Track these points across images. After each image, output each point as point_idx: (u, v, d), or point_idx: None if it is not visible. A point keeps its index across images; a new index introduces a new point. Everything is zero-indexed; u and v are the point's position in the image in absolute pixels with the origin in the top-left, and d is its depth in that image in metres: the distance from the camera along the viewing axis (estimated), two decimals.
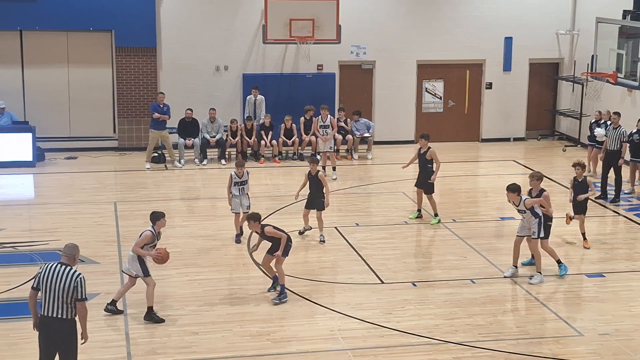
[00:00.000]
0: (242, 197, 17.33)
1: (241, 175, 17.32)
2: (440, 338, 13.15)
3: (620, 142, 20.40)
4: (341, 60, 26.14)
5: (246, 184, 17.39)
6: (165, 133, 23.83)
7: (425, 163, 18.61)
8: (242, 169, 17.38)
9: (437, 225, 18.58)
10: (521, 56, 27.02)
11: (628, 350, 12.83)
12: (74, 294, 10.41)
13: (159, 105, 23.72)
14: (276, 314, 13.94)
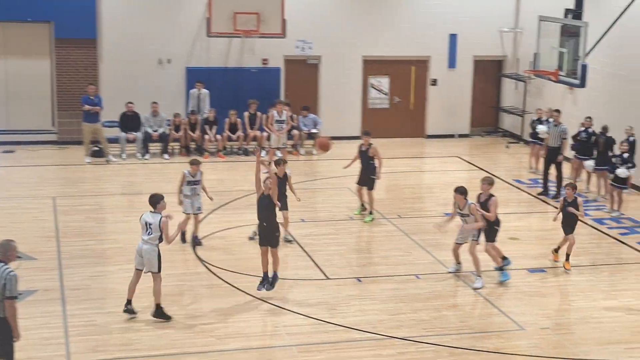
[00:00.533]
0: (193, 197, 16.58)
1: (195, 174, 16.61)
2: (384, 333, 13.16)
3: (561, 139, 20.60)
4: (287, 55, 26.04)
5: (199, 183, 16.68)
6: (99, 126, 23.46)
7: (368, 160, 18.60)
8: (196, 167, 16.59)
9: (382, 220, 18.56)
10: (466, 53, 27.18)
11: (568, 344, 12.98)
12: (4, 292, 10.16)
13: (90, 97, 23.34)
14: (220, 310, 13.81)
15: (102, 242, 17.17)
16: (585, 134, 21.21)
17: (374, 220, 18.60)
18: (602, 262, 16.76)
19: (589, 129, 21.23)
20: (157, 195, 13.58)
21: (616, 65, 22.42)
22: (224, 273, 15.37)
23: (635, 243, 17.61)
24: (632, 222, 19.08)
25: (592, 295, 14.93)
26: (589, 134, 21.17)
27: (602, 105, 22.89)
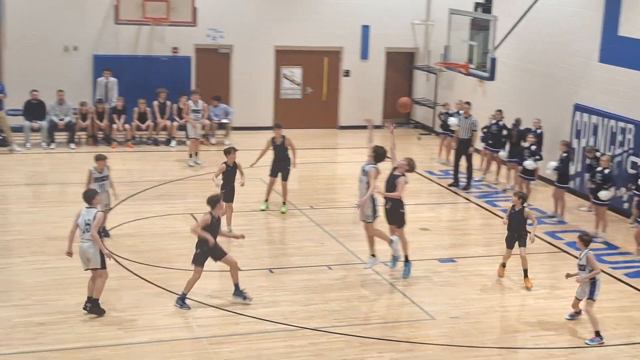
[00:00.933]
0: (102, 194, 15.82)
1: (101, 170, 15.97)
2: (296, 324, 13.12)
3: (472, 131, 20.84)
4: (197, 44, 25.77)
5: (107, 179, 16.10)
6: (2, 114, 22.83)
7: (284, 152, 18.44)
8: (102, 162, 15.95)
9: (295, 211, 18.51)
10: (378, 45, 27.29)
11: (476, 333, 13.14)
12: None
13: None
14: (128, 302, 13.57)
15: (5, 234, 16.72)
16: (496, 126, 21.51)
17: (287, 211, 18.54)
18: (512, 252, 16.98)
19: (499, 121, 21.54)
20: (92, 190, 13.30)
21: (524, 59, 22.78)
22: (133, 265, 15.12)
23: (542, 233, 17.91)
24: (540, 212, 19.40)
25: (500, 285, 15.15)
26: (499, 126, 21.48)
27: (510, 98, 23.25)
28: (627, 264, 16.37)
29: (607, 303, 14.43)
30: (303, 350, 12.32)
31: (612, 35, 19.80)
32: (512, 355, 12.52)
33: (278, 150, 18.53)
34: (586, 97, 20.62)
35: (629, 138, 19.15)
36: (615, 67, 19.74)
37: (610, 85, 19.92)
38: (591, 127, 20.26)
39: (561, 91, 21.46)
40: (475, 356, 12.39)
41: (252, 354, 12.12)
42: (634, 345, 12.96)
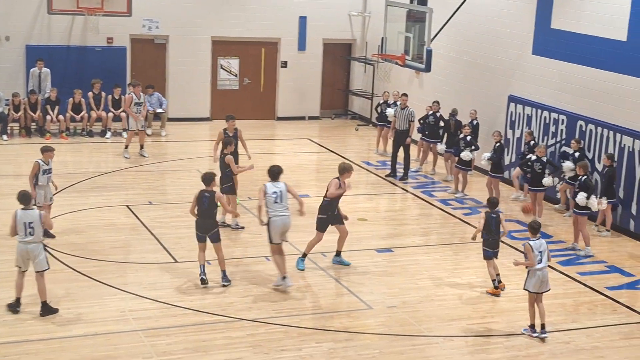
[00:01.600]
0: (47, 187, 15.64)
1: (48, 162, 15.61)
2: (234, 315, 13.10)
3: (409, 121, 20.98)
4: (133, 34, 25.51)
5: (52, 171, 15.76)
6: None
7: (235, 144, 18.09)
8: (50, 154, 15.59)
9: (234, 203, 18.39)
10: (315, 36, 27.31)
11: (413, 321, 13.26)
12: None
13: None
14: (62, 296, 13.41)
15: None
16: (433, 117, 21.69)
17: None
18: (447, 241, 17.19)
19: (436, 112, 21.72)
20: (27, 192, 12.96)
21: (459, 51, 23.00)
22: (67, 258, 14.95)
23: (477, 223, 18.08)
24: (475, 202, 19.64)
25: (436, 274, 15.29)
26: (436, 117, 21.66)
27: (446, 89, 23.46)
28: (560, 252, 16.63)
29: None
30: (241, 341, 12.30)
31: (545, 28, 20.08)
32: (449, 343, 12.65)
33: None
34: (520, 88, 20.90)
35: (561, 129, 19.44)
36: (548, 59, 20.03)
37: (543, 77, 20.21)
38: (525, 118, 20.53)
39: (496, 83, 21.72)
40: (413, 345, 12.50)
41: (190, 345, 12.07)
42: (566, 331, 13.19)
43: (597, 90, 18.63)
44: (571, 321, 13.61)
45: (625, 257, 16.66)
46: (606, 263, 16.24)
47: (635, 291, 15.09)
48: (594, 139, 18.56)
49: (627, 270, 15.90)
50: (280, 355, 11.94)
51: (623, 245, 17.30)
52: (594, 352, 12.56)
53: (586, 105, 18.94)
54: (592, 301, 14.48)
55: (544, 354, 12.40)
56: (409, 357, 12.13)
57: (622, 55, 17.94)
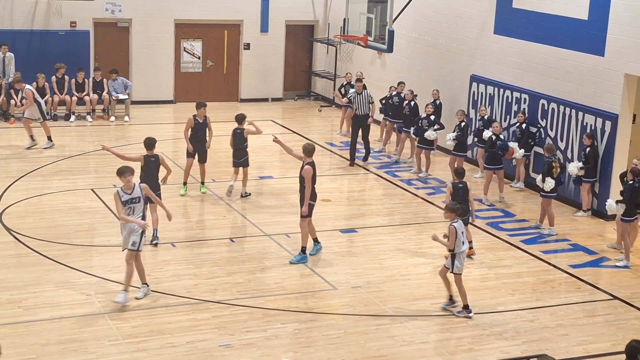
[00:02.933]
0: None
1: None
2: (199, 297, 13.18)
3: (369, 103, 20.89)
4: (96, 18, 25.37)
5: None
6: None
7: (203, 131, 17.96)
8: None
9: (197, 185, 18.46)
10: (278, 18, 27.30)
11: (377, 301, 13.40)
12: None
13: None
14: (28, 280, 13.42)
15: None
16: (398, 98, 21.76)
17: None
18: (411, 221, 17.34)
19: (401, 93, 21.79)
20: None
21: (421, 31, 23.10)
22: (32, 242, 14.94)
23: (441, 202, 18.29)
24: (438, 182, 19.81)
25: (400, 254, 15.45)
26: (401, 98, 21.70)
27: (408, 70, 23.58)
28: (523, 231, 16.85)
29: (503, 270, 14.90)
30: (206, 323, 12.39)
31: (507, 7, 20.25)
32: (413, 322, 12.79)
33: (199, 129, 17.91)
34: (482, 68, 21.07)
35: (523, 107, 19.64)
36: (509, 39, 20.21)
37: (504, 56, 20.40)
38: (487, 97, 20.72)
39: (457, 62, 21.87)
40: (378, 324, 12.64)
41: (155, 328, 12.14)
42: (530, 309, 13.38)
43: (559, 68, 18.84)
44: (535, 299, 13.80)
45: (588, 235, 16.89)
46: (570, 241, 16.47)
47: (599, 269, 15.31)
48: (556, 118, 18.78)
49: (590, 248, 16.14)
50: (246, 337, 12.04)
51: (586, 223, 17.55)
52: (557, 330, 12.75)
53: (548, 84, 19.15)
54: (555, 279, 14.70)
55: (508, 332, 12.58)
56: (374, 336, 12.28)
57: (583, 33, 18.13)
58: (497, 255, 15.54)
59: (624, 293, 14.12)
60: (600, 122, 17.68)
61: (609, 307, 13.64)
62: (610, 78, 17.51)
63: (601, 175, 17.69)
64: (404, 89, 21.73)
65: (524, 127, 19.10)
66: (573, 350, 12.13)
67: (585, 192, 17.76)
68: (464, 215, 14.80)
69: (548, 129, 18.93)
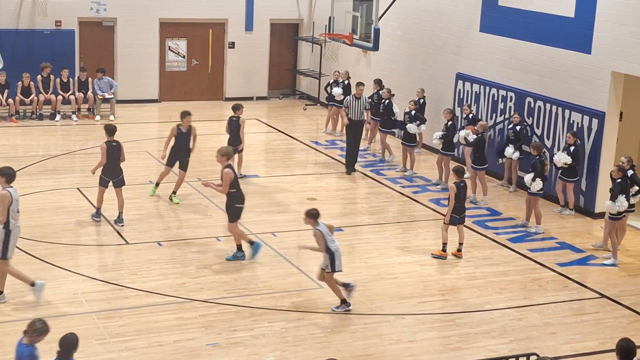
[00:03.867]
0: None
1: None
2: (186, 296, 13.15)
3: (364, 110, 20.33)
4: (81, 17, 25.27)
5: None
6: None
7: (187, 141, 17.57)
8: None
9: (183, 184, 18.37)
10: (262, 16, 27.26)
11: (364, 300, 13.39)
12: None
13: None
14: (14, 279, 13.27)
15: None
16: (377, 96, 21.75)
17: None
18: (396, 220, 17.35)
19: (379, 91, 21.75)
20: None
21: (407, 29, 23.12)
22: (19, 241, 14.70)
23: (427, 201, 18.33)
24: (424, 180, 19.82)
25: (387, 252, 15.45)
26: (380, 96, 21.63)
27: (394, 68, 23.59)
28: (511, 229, 16.88)
29: (490, 268, 14.91)
30: (193, 322, 12.37)
31: (493, 5, 20.28)
32: (400, 321, 12.80)
33: (182, 138, 17.53)
34: (467, 66, 21.10)
35: (510, 105, 19.69)
36: (495, 36, 20.24)
37: (490, 54, 20.43)
38: (473, 95, 20.75)
39: (443, 60, 21.90)
40: (365, 323, 12.64)
41: (142, 327, 12.11)
42: (518, 308, 13.40)
43: (545, 66, 18.88)
44: (522, 298, 13.82)
45: (575, 233, 16.93)
46: (557, 239, 16.50)
47: (586, 267, 15.33)
48: (543, 116, 18.82)
49: (577, 247, 16.16)
50: (233, 336, 12.03)
51: (573, 221, 17.59)
52: (545, 329, 12.77)
53: (534, 82, 19.19)
54: (543, 278, 14.71)
55: (496, 330, 12.59)
56: (361, 335, 12.27)
57: (570, 31, 18.16)
58: (484, 254, 15.56)
59: (612, 291, 14.16)
60: (587, 119, 17.73)
61: (596, 306, 13.68)
62: (597, 76, 17.56)
63: (588, 173, 17.74)
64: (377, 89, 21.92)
65: (518, 129, 18.90)
66: (561, 348, 12.15)
67: (570, 192, 17.80)
68: (461, 213, 14.96)
69: (534, 127, 18.97)
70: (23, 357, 8.84)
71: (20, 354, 8.87)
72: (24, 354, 8.87)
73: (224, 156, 14.48)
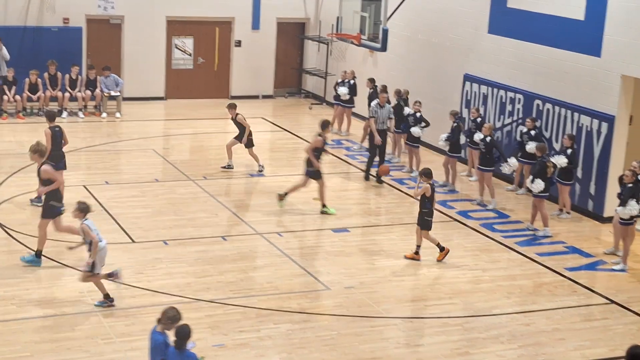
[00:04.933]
0: None
1: None
2: (191, 296, 13.09)
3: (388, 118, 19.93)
4: (88, 14, 25.22)
5: None
6: None
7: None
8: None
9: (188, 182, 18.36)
10: (269, 15, 27.21)
11: (371, 302, 13.32)
12: None
13: None
14: (21, 277, 13.31)
15: None
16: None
17: None
18: (404, 221, 17.25)
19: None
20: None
21: (415, 30, 23.04)
22: (25, 238, 14.81)
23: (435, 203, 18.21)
24: None
25: (394, 254, 15.36)
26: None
27: (401, 68, 23.52)
28: (518, 233, 16.78)
29: (499, 272, 14.83)
30: (199, 322, 12.27)
31: (501, 7, 20.19)
32: (406, 324, 12.72)
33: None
34: (475, 67, 21.01)
35: (517, 108, 19.60)
36: (504, 38, 20.15)
37: (499, 56, 20.34)
38: (481, 97, 20.66)
39: (451, 61, 21.81)
40: (371, 326, 12.56)
41: (149, 327, 11.88)
42: (526, 313, 13.30)
43: (554, 69, 18.78)
44: (531, 303, 13.71)
45: (584, 237, 16.82)
46: (565, 244, 16.40)
47: (595, 272, 15.21)
48: (552, 118, 18.73)
49: (586, 251, 16.05)
50: (239, 337, 11.95)
51: (582, 225, 17.48)
52: (554, 334, 12.67)
53: (543, 84, 19.10)
54: (551, 282, 14.60)
55: (504, 335, 12.48)
56: (367, 338, 12.20)
57: (579, 34, 18.07)
58: (492, 257, 15.48)
59: (621, 297, 14.05)
60: (597, 123, 17.64)
61: (605, 311, 13.56)
62: (607, 79, 17.47)
63: (597, 177, 17.65)
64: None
65: (532, 133, 18.57)
66: (570, 355, 12.05)
67: (566, 194, 17.73)
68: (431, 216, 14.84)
69: (543, 130, 18.87)
70: (158, 344, 9.22)
71: (155, 342, 9.27)
72: (158, 341, 9.24)
73: (35, 153, 14.11)
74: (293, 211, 17.14)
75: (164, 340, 9.25)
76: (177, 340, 9.07)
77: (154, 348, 9.31)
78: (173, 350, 9.09)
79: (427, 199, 14.96)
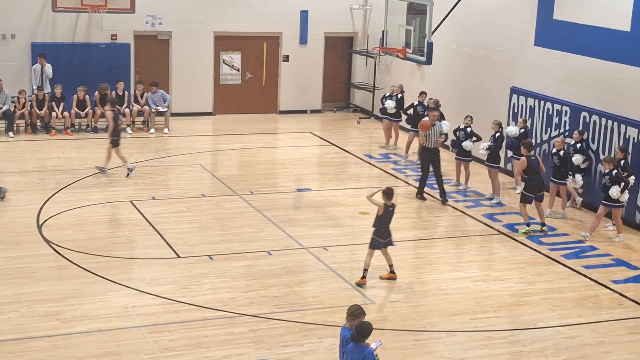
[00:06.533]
0: None
1: None
2: (236, 311, 13.13)
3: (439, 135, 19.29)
4: (136, 31, 25.54)
5: None
6: None
7: None
8: None
9: (235, 197, 18.47)
10: (317, 30, 27.31)
11: (415, 316, 13.25)
12: None
13: None
14: (66, 292, 13.46)
15: None
16: (422, 107, 21.78)
17: None
18: (449, 234, 17.18)
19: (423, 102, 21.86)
20: None
21: (461, 43, 22.96)
22: (71, 254, 15.00)
23: (480, 215, 18.14)
24: (477, 194, 19.62)
25: (439, 268, 15.30)
26: (424, 107, 21.66)
27: (447, 81, 23.45)
28: (566, 246, 16.60)
29: (544, 285, 14.68)
30: (243, 337, 12.34)
31: (547, 19, 20.05)
32: (451, 338, 12.64)
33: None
34: (522, 79, 20.87)
35: (564, 120, 19.43)
36: (550, 50, 20.00)
37: (545, 68, 20.19)
38: (528, 109, 20.52)
39: (497, 74, 21.70)
40: (416, 340, 12.50)
41: (192, 342, 12.12)
42: (571, 326, 13.15)
43: (601, 81, 18.59)
44: (576, 315, 13.55)
45: (631, 250, 16.58)
46: (612, 256, 16.17)
47: None
48: (598, 130, 18.53)
49: (633, 264, 15.82)
50: (282, 351, 11.97)
51: (629, 238, 17.20)
52: (599, 347, 12.50)
53: (590, 96, 18.90)
54: (597, 295, 14.41)
55: (549, 349, 12.35)
56: (412, 352, 12.15)
57: (626, 45, 17.88)
58: (538, 270, 15.33)
59: None
60: None
61: None
62: None
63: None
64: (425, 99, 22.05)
65: (578, 146, 18.39)
66: None
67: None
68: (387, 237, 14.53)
69: (590, 142, 18.67)
70: (343, 339, 9.71)
71: (341, 337, 9.78)
72: (345, 337, 9.68)
73: None
74: (339, 225, 17.14)
75: (347, 335, 9.63)
76: (355, 335, 9.38)
77: (341, 343, 9.78)
78: (352, 345, 9.40)
79: (377, 218, 14.62)
